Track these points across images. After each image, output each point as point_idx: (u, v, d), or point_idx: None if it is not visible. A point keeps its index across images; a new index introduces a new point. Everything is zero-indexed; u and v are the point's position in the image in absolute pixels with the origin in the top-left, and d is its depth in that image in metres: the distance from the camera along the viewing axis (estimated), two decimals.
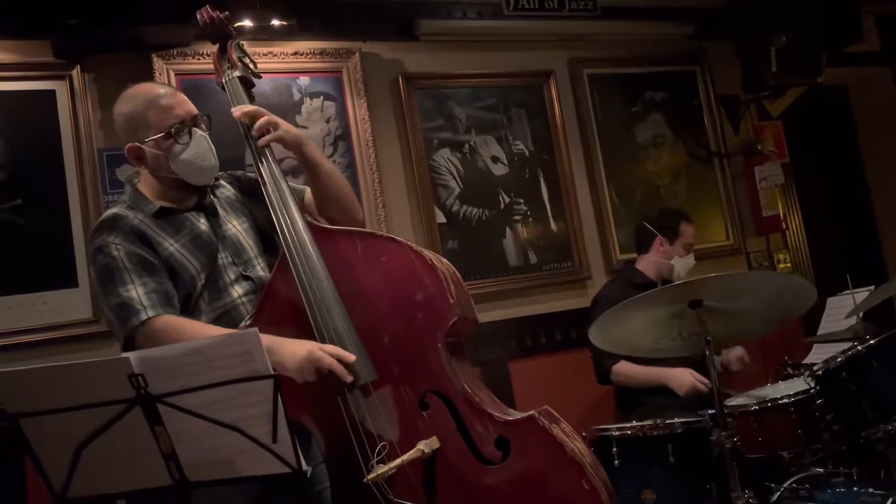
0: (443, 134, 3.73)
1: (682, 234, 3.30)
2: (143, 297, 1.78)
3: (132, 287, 1.78)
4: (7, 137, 2.98)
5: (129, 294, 1.78)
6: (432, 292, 1.78)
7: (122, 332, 1.78)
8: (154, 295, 1.79)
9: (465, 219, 3.70)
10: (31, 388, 1.27)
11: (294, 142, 2.00)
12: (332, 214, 2.05)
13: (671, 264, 3.26)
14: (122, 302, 1.78)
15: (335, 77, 3.54)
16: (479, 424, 1.71)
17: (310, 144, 2.04)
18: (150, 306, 1.77)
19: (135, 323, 1.75)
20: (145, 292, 1.78)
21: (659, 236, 3.30)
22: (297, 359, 1.68)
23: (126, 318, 1.76)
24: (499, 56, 3.91)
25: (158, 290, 1.81)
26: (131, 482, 1.38)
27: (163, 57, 3.21)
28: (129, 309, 1.77)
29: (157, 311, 1.77)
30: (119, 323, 1.78)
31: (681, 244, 3.28)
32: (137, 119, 1.91)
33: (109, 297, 1.80)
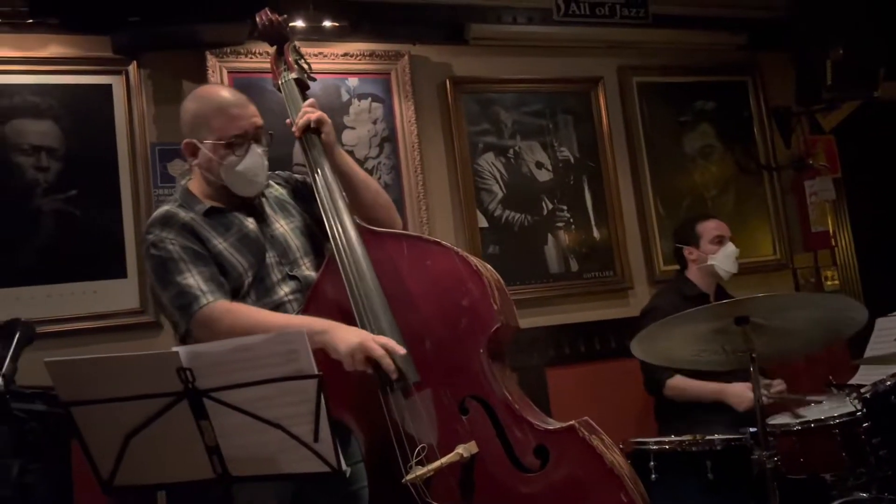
0: (488, 138, 3.73)
1: (700, 233, 3.29)
2: (202, 283, 1.82)
3: (189, 276, 1.83)
4: (64, 129, 3.07)
5: (188, 282, 1.82)
6: (476, 298, 1.78)
7: (184, 319, 1.82)
8: (211, 282, 1.83)
9: (507, 224, 3.70)
10: (84, 378, 1.31)
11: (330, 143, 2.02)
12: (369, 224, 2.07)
13: (711, 265, 3.23)
14: (181, 290, 1.82)
15: (384, 79, 3.57)
16: (518, 432, 1.71)
17: (343, 152, 2.07)
18: (208, 291, 1.81)
19: (195, 308, 1.79)
20: (203, 279, 1.83)
21: (685, 248, 3.30)
22: (350, 344, 1.70)
23: (187, 305, 1.80)
24: (547, 61, 3.90)
25: (214, 277, 1.85)
26: (175, 474, 1.41)
27: (216, 55, 3.26)
28: (189, 295, 1.81)
29: (216, 297, 1.81)
30: (180, 311, 1.82)
31: (706, 241, 3.26)
32: (202, 120, 1.94)
33: (168, 288, 1.84)
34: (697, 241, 3.28)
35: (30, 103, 3.03)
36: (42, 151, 3.02)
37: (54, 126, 3.05)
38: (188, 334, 1.83)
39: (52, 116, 3.05)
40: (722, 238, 3.27)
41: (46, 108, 3.05)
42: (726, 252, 3.25)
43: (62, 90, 3.07)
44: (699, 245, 3.27)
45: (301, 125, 1.99)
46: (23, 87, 3.03)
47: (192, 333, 1.81)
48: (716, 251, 3.24)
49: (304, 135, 2.00)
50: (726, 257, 3.24)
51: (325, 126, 2.01)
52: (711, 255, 3.23)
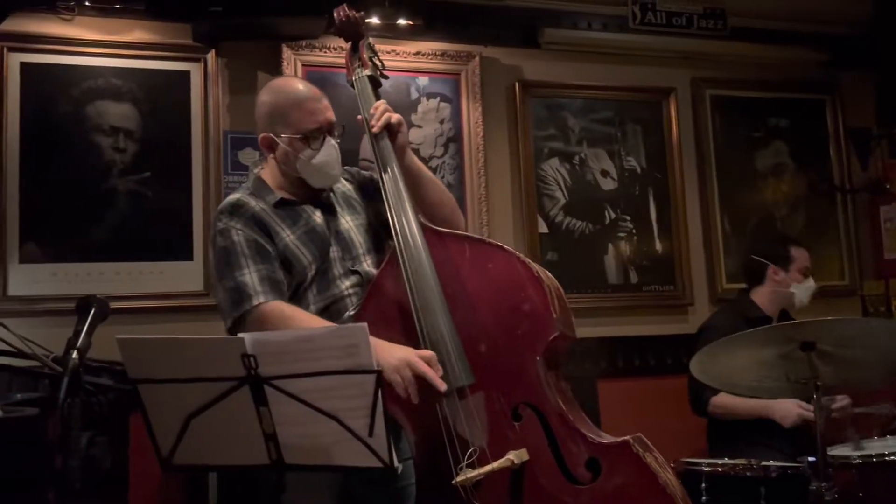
0: (554, 143, 3.71)
1: (795, 258, 3.16)
2: (257, 283, 1.84)
3: (247, 272, 1.85)
4: (142, 112, 3.17)
5: (244, 279, 1.84)
6: (536, 305, 1.77)
7: (231, 313, 1.85)
8: (266, 282, 1.85)
9: (568, 231, 3.67)
10: (152, 357, 1.34)
11: (403, 145, 2.03)
12: (433, 222, 2.08)
13: (790, 292, 3.12)
14: (236, 286, 1.84)
15: (453, 79, 3.58)
16: (570, 443, 1.69)
17: (412, 153, 2.08)
18: (262, 292, 1.83)
19: (246, 307, 1.82)
20: (259, 278, 1.85)
21: (772, 266, 3.15)
22: (392, 363, 1.70)
23: (238, 302, 1.83)
24: (619, 69, 3.85)
25: (271, 277, 1.87)
26: (231, 457, 1.44)
27: (292, 47, 3.32)
28: (243, 293, 1.83)
29: (268, 298, 1.83)
30: (231, 305, 1.85)
31: (796, 269, 3.14)
32: (279, 113, 1.96)
33: (225, 280, 1.87)
34: (788, 265, 3.14)
35: (112, 86, 3.14)
36: (120, 133, 3.13)
37: (133, 109, 3.15)
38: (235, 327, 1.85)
39: (132, 99, 3.16)
40: (807, 270, 3.18)
41: (127, 91, 3.15)
42: (808, 285, 3.15)
43: (143, 74, 3.18)
44: (788, 269, 3.15)
45: (382, 122, 2.00)
46: (106, 69, 3.14)
47: (236, 331, 1.83)
48: (800, 281, 3.14)
49: (380, 132, 2.01)
50: (806, 290, 3.14)
51: (402, 127, 2.02)
52: (795, 283, 3.13)
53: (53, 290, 2.98)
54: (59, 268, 3.00)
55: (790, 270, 3.14)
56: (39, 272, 2.99)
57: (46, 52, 3.08)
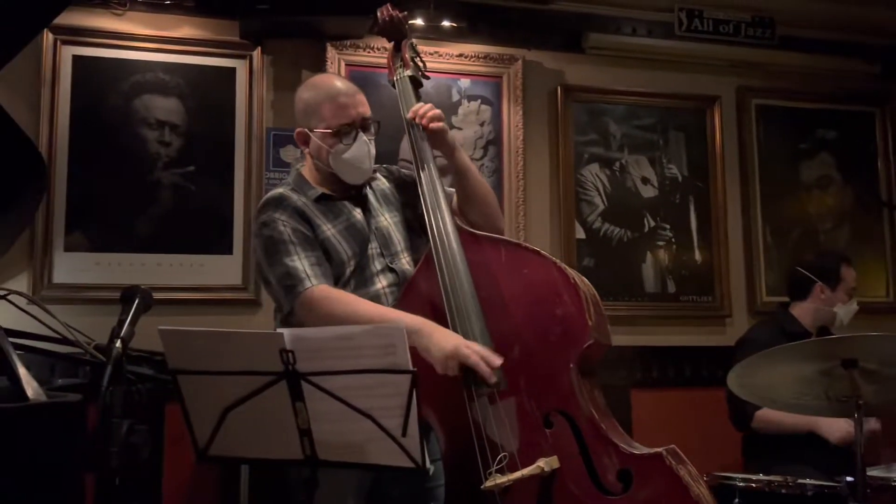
0: (594, 149, 3.68)
1: (843, 278, 3.08)
2: (308, 268, 1.86)
3: (297, 259, 1.87)
4: (188, 107, 3.22)
5: (295, 265, 1.87)
6: (571, 311, 1.76)
7: (288, 299, 1.87)
8: (317, 267, 1.88)
9: (606, 237, 3.64)
10: (193, 348, 1.37)
11: (451, 144, 2.05)
12: (475, 219, 2.08)
13: (833, 312, 3.05)
14: (287, 271, 1.87)
15: (495, 82, 3.58)
16: (602, 452, 1.68)
17: (461, 150, 2.10)
18: (313, 276, 1.85)
19: (300, 290, 1.84)
20: (309, 264, 1.87)
21: (819, 283, 3.07)
22: (444, 349, 1.71)
23: (292, 287, 1.85)
24: (663, 76, 3.81)
25: (319, 262, 1.89)
26: (266, 451, 1.45)
27: (336, 47, 3.35)
28: (295, 277, 1.85)
29: (320, 281, 1.85)
30: (285, 291, 1.87)
31: (843, 290, 3.06)
32: (313, 108, 1.99)
33: (275, 267, 1.89)
34: (836, 284, 3.05)
35: (160, 80, 3.19)
36: (166, 127, 3.18)
37: (179, 104, 3.21)
38: (292, 313, 1.88)
39: (179, 94, 3.21)
40: (853, 291, 3.10)
41: (174, 86, 3.21)
42: (852, 307, 3.08)
43: (190, 70, 3.23)
44: (835, 288, 3.07)
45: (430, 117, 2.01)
46: (155, 64, 3.20)
47: (295, 313, 1.86)
48: (845, 301, 3.07)
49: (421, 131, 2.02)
50: (849, 311, 3.07)
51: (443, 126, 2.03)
52: (840, 303, 3.07)
53: (96, 279, 3.05)
54: (102, 257, 3.07)
55: (837, 290, 3.06)
56: (83, 261, 3.05)
57: (98, 46, 3.15)
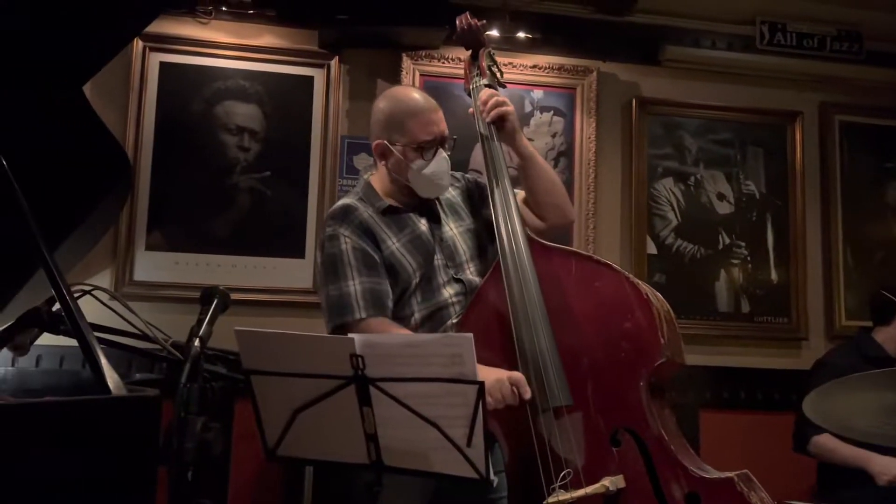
0: (669, 163, 3.62)
1: None
2: (359, 297, 1.87)
3: (351, 283, 1.89)
4: (267, 114, 3.31)
5: (348, 290, 1.88)
6: (643, 327, 1.73)
7: (332, 321, 1.90)
8: (369, 294, 1.88)
9: (678, 253, 3.57)
10: (267, 349, 1.40)
11: (513, 129, 2.05)
12: (544, 210, 2.07)
13: None
14: (339, 295, 1.89)
15: (569, 93, 3.56)
16: (671, 474, 1.64)
17: (525, 137, 2.09)
18: (363, 307, 1.87)
19: (347, 319, 1.86)
20: (362, 291, 1.88)
21: None
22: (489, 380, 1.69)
23: (340, 312, 1.88)
24: (742, 90, 3.72)
25: (374, 289, 1.90)
26: (332, 453, 1.47)
27: (411, 57, 3.39)
28: (345, 304, 1.87)
29: (369, 313, 1.87)
30: (331, 313, 1.90)
31: None
32: (396, 121, 1.99)
33: (329, 287, 1.92)
34: None
35: (240, 87, 3.29)
36: (245, 132, 3.28)
37: (258, 110, 3.30)
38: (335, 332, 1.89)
39: (258, 101, 3.30)
40: None
41: (254, 93, 3.30)
42: None
43: (269, 78, 3.32)
44: None
45: (494, 114, 2.01)
46: (236, 71, 3.30)
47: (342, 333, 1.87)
48: None
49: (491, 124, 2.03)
50: None
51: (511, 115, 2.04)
52: None
53: (174, 278, 3.15)
54: (180, 257, 3.17)
55: None
56: (163, 260, 3.17)
57: (183, 53, 3.27)
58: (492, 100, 2.03)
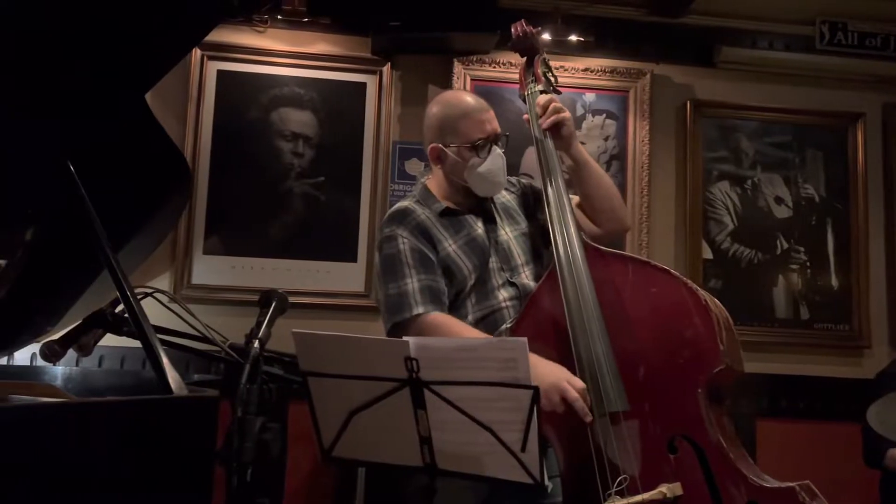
0: (724, 166, 3.55)
1: None
2: (417, 293, 1.89)
3: (409, 281, 1.91)
4: (321, 120, 3.36)
5: (405, 288, 1.90)
6: (701, 334, 1.70)
7: (391, 319, 1.92)
8: (427, 291, 1.90)
9: (735, 258, 3.50)
10: (323, 352, 1.41)
11: (569, 135, 2.03)
12: (599, 218, 2.06)
13: None
14: (398, 293, 1.91)
15: (621, 96, 3.53)
16: (729, 482, 1.60)
17: (580, 145, 2.08)
18: (420, 303, 1.88)
19: (406, 316, 1.88)
20: (420, 288, 1.90)
21: None
22: (544, 383, 1.69)
23: (398, 309, 1.89)
24: (800, 91, 3.64)
25: (431, 287, 1.91)
26: (387, 455, 1.48)
27: (463, 62, 3.40)
28: (403, 302, 1.89)
29: (427, 309, 1.88)
30: (390, 312, 1.92)
31: None
32: (449, 124, 2.01)
33: (387, 286, 1.94)
34: None
35: (295, 94, 3.35)
36: (300, 139, 3.33)
37: (313, 117, 3.35)
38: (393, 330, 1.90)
39: (312, 108, 3.35)
40: None
41: (308, 100, 3.36)
42: None
43: (323, 84, 3.37)
44: None
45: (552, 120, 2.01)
46: (291, 79, 3.36)
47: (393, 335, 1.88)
48: None
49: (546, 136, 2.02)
50: None
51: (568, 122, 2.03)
52: None
53: (230, 282, 3.22)
54: (236, 261, 3.24)
55: None
56: (220, 264, 3.24)
57: (240, 62, 3.34)
58: (551, 105, 2.03)
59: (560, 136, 2.03)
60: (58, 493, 1.17)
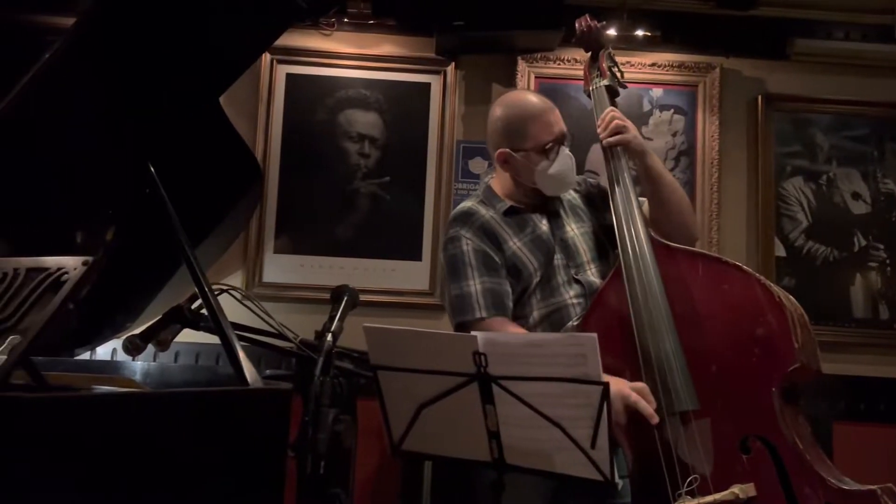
0: (798, 161, 3.45)
1: None
2: (480, 296, 1.91)
3: (472, 283, 1.92)
4: (386, 121, 3.40)
5: (469, 290, 1.92)
6: (775, 331, 1.66)
7: (455, 319, 1.96)
8: (489, 294, 1.91)
9: (809, 256, 3.39)
10: (393, 346, 1.44)
11: (639, 150, 2.00)
12: (668, 229, 2.01)
13: None
14: (460, 295, 1.93)
15: (689, 91, 3.46)
16: (805, 484, 1.56)
17: (653, 155, 2.04)
18: (482, 306, 1.90)
19: (468, 318, 1.90)
20: (482, 290, 1.91)
21: None
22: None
23: (461, 310, 1.92)
24: (879, 83, 3.50)
25: (494, 290, 1.92)
26: (455, 450, 1.49)
27: (527, 60, 3.40)
28: (466, 304, 1.91)
29: (490, 313, 1.89)
30: (454, 312, 1.95)
31: None
32: (515, 127, 1.99)
33: (452, 287, 1.96)
34: None
35: (361, 96, 3.40)
36: (366, 140, 3.39)
37: (378, 118, 3.40)
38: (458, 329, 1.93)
39: (378, 109, 3.40)
40: None
41: (374, 101, 3.40)
42: None
43: (388, 85, 3.41)
44: None
45: (611, 129, 1.99)
46: (357, 80, 3.41)
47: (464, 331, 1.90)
48: None
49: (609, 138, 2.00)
50: None
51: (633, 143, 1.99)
52: None
53: (300, 280, 3.30)
54: (305, 259, 3.31)
55: None
56: (289, 262, 3.31)
57: (308, 65, 3.41)
58: (612, 124, 1.99)
59: (629, 151, 2.00)
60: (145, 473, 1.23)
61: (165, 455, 1.26)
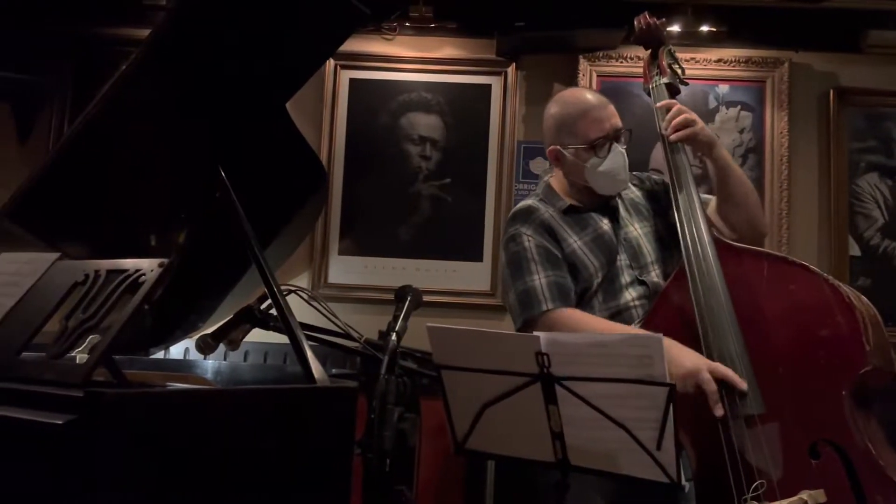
0: (873, 157, 3.34)
1: None
2: (545, 289, 1.88)
3: (536, 277, 1.91)
4: (447, 123, 3.43)
5: (533, 284, 1.90)
6: (844, 333, 1.61)
7: (521, 316, 1.92)
8: (554, 287, 1.89)
9: (886, 255, 3.28)
10: (456, 346, 1.45)
11: (706, 142, 1.97)
12: (735, 222, 1.98)
13: None
14: (526, 290, 1.91)
15: (757, 87, 3.39)
16: (878, 492, 1.52)
17: (721, 147, 2.00)
18: (549, 298, 1.88)
19: (536, 312, 1.88)
20: (547, 284, 1.89)
21: None
22: (682, 369, 1.66)
23: (528, 306, 1.90)
24: None
25: (559, 283, 1.90)
26: (519, 449, 1.50)
27: (588, 59, 3.38)
28: (532, 298, 1.89)
29: (556, 305, 1.87)
30: (520, 308, 1.92)
31: None
32: (566, 124, 1.98)
33: (516, 284, 1.94)
34: None
35: (423, 99, 3.45)
36: (427, 142, 3.42)
37: (439, 120, 3.43)
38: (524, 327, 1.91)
39: (439, 111, 3.44)
40: None
41: (435, 104, 3.44)
42: None
43: (449, 88, 3.44)
44: None
45: (677, 122, 1.96)
46: (419, 84, 3.46)
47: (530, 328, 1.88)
48: None
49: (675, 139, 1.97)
50: None
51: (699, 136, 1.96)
52: None
53: (364, 281, 3.36)
54: (369, 261, 3.37)
55: None
56: (353, 264, 3.38)
57: (370, 69, 3.47)
58: (679, 117, 1.95)
59: (697, 143, 1.97)
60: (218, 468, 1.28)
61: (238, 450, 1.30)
